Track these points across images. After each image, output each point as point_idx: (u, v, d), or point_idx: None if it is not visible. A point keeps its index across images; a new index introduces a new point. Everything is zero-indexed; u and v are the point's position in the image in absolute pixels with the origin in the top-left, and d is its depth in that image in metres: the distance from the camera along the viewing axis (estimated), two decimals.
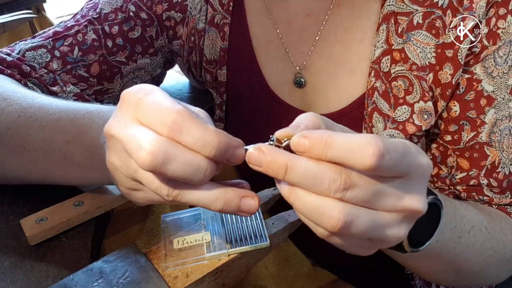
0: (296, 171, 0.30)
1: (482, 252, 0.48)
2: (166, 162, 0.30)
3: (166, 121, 0.30)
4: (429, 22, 0.51)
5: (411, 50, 0.52)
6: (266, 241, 0.37)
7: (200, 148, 0.30)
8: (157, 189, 0.32)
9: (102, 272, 0.37)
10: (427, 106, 0.53)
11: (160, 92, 0.32)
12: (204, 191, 0.33)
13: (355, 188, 0.29)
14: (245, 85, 0.64)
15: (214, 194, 0.33)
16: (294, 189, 0.31)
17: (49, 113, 0.48)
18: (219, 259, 0.37)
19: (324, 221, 0.30)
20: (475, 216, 0.48)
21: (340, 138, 0.29)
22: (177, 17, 0.64)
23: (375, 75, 0.54)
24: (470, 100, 0.53)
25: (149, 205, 0.57)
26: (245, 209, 0.33)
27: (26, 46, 0.61)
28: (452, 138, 0.56)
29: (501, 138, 0.54)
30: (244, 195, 0.33)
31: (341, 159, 0.29)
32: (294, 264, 0.66)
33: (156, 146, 0.30)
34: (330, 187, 0.29)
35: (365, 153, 0.28)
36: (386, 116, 0.55)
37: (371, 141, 0.28)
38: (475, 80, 0.52)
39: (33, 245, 0.45)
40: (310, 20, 0.58)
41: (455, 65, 0.51)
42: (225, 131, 0.32)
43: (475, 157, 0.55)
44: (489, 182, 0.55)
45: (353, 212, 0.30)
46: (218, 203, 0.33)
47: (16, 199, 0.51)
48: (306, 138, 0.30)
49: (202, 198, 0.33)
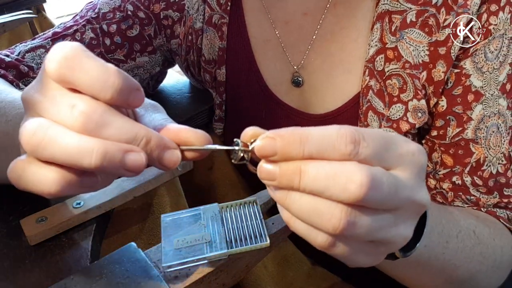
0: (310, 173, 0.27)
1: (472, 258, 0.46)
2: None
3: (50, 57, 0.27)
4: (422, 20, 0.51)
5: (404, 48, 0.52)
6: (266, 241, 0.37)
7: (98, 90, 0.27)
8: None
9: (102, 272, 0.37)
10: (421, 104, 0.53)
11: (71, 44, 0.28)
12: (76, 139, 0.27)
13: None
14: (244, 84, 0.64)
15: (89, 145, 0.26)
16: (288, 193, 0.28)
17: (16, 107, 0.46)
18: (219, 259, 0.37)
19: (324, 222, 0.27)
20: (462, 221, 0.47)
21: (314, 131, 0.27)
22: (175, 16, 0.65)
23: (369, 74, 0.55)
24: (458, 95, 0.53)
25: (149, 205, 0.57)
26: (131, 167, 0.27)
27: (26, 47, 0.61)
28: (438, 133, 0.55)
29: (487, 135, 0.53)
30: (128, 149, 0.27)
31: (320, 153, 0.27)
32: (294, 264, 0.66)
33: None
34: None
35: (342, 142, 0.27)
36: (381, 115, 0.55)
37: (346, 129, 0.27)
38: (464, 75, 0.52)
39: (33, 245, 0.45)
40: (308, 19, 0.58)
41: (447, 62, 0.51)
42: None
43: (460, 154, 0.54)
44: (473, 180, 0.54)
45: (355, 212, 0.28)
46: (94, 157, 0.26)
47: (16, 199, 0.51)
48: (273, 138, 0.27)
49: (71, 149, 0.26)
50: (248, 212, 0.40)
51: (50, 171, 0.27)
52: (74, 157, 0.26)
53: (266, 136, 0.28)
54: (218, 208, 0.41)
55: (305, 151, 0.27)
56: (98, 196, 0.49)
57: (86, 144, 0.26)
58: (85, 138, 0.26)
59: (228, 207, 0.41)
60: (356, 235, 0.28)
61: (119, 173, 0.28)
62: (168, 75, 0.80)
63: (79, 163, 0.26)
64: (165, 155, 0.29)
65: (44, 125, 0.27)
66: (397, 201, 0.29)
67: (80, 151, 0.26)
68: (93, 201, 0.48)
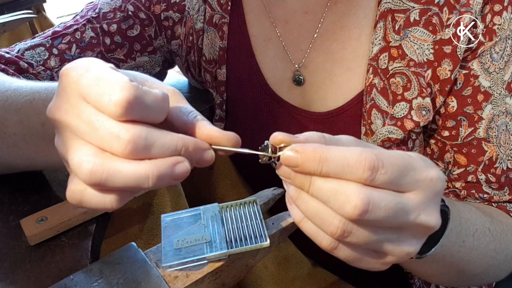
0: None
1: (485, 254, 0.48)
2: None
3: (114, 100, 0.28)
4: (426, 19, 0.52)
5: (408, 46, 0.53)
6: (266, 241, 0.37)
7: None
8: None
9: (102, 272, 0.37)
10: (425, 102, 0.54)
11: (99, 64, 0.30)
12: (132, 168, 0.29)
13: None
14: (244, 84, 0.64)
15: (144, 171, 0.29)
16: (301, 193, 0.31)
17: (23, 95, 0.47)
18: (219, 259, 0.37)
19: (325, 227, 0.30)
20: (478, 219, 0.48)
21: (336, 152, 0.29)
22: (175, 17, 0.64)
23: (373, 72, 0.55)
24: (468, 96, 0.53)
25: (149, 205, 0.57)
26: (179, 177, 0.30)
27: (26, 45, 0.61)
28: (450, 133, 0.56)
29: (498, 133, 0.54)
30: (175, 162, 0.30)
31: (337, 175, 0.29)
32: (294, 264, 0.66)
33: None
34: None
35: (360, 168, 0.28)
36: (385, 113, 0.55)
37: (366, 155, 0.28)
38: (472, 76, 0.53)
39: (33, 245, 0.45)
40: (308, 18, 0.58)
41: (454, 61, 0.51)
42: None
43: (473, 153, 0.55)
44: (487, 178, 0.55)
45: (352, 225, 0.29)
46: (150, 181, 0.29)
47: (16, 199, 0.51)
48: (298, 152, 0.29)
49: (129, 178, 0.29)
50: (248, 212, 0.40)
51: (110, 195, 0.30)
52: (133, 184, 0.29)
53: (292, 148, 0.30)
54: (218, 208, 0.41)
55: (322, 170, 0.29)
56: None
57: (141, 171, 0.29)
58: (139, 166, 0.29)
59: (228, 207, 0.41)
60: (354, 243, 0.30)
61: (169, 184, 0.30)
62: (168, 75, 0.80)
63: (138, 188, 0.29)
64: (201, 156, 0.32)
65: (98, 163, 0.28)
66: (397, 223, 0.30)
67: (138, 178, 0.29)
68: None
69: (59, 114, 0.30)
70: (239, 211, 0.41)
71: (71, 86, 0.29)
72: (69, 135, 0.30)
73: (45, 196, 0.51)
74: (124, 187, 0.29)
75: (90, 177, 0.28)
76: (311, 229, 0.32)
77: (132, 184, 0.29)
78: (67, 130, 0.30)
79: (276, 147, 0.31)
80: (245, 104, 0.65)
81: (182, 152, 0.30)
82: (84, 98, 0.29)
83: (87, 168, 0.28)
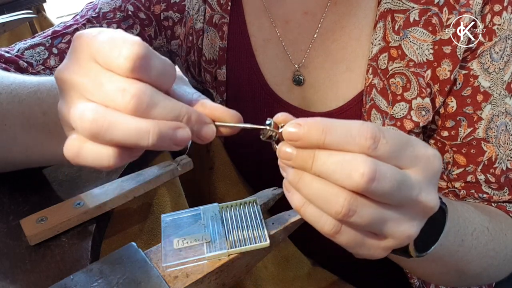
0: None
1: (484, 254, 0.48)
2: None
3: (124, 54, 0.28)
4: (425, 19, 0.52)
5: (408, 47, 0.53)
6: (266, 241, 0.37)
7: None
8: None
9: (102, 272, 0.37)
10: (425, 102, 0.54)
11: (112, 29, 0.30)
12: (134, 121, 0.28)
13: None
14: (244, 84, 0.64)
15: (145, 127, 0.28)
16: (301, 176, 0.30)
17: (28, 87, 0.47)
18: (219, 259, 0.37)
19: (329, 206, 0.29)
20: (476, 218, 0.48)
21: (338, 123, 0.29)
22: (175, 17, 0.64)
23: (373, 72, 0.55)
24: (467, 96, 0.53)
25: (149, 205, 0.57)
26: (180, 142, 0.30)
27: (25, 45, 0.62)
28: (449, 134, 0.56)
29: (497, 133, 0.54)
30: (176, 126, 0.30)
31: (340, 145, 0.29)
32: (294, 264, 0.66)
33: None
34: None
35: (362, 136, 0.28)
36: (384, 113, 0.55)
37: (368, 125, 0.29)
38: (472, 76, 0.53)
39: (33, 245, 0.45)
40: (308, 18, 0.58)
41: (453, 61, 0.52)
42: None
43: (472, 153, 0.55)
44: (486, 178, 0.55)
45: (358, 201, 0.29)
46: (151, 138, 0.28)
47: (16, 199, 0.51)
48: (300, 125, 0.29)
49: (130, 132, 0.28)
50: (248, 212, 0.40)
51: (107, 150, 0.29)
52: (132, 139, 0.28)
53: (295, 122, 0.30)
54: (218, 208, 0.41)
55: (325, 141, 0.29)
56: (98, 196, 0.49)
57: (142, 126, 0.28)
58: (140, 121, 0.28)
59: (228, 207, 0.41)
60: (358, 223, 0.30)
61: (168, 147, 0.30)
62: None
63: (138, 144, 0.28)
64: (203, 129, 0.32)
65: (100, 112, 0.28)
66: (400, 197, 0.30)
67: (138, 133, 0.28)
68: (93, 201, 0.48)
69: (67, 74, 0.30)
70: (239, 211, 0.41)
71: (83, 47, 0.29)
72: (74, 94, 0.30)
73: (45, 196, 0.51)
74: (123, 142, 0.28)
75: (90, 127, 0.27)
76: (313, 214, 0.31)
77: (132, 138, 0.28)
78: (72, 90, 0.30)
79: (278, 126, 0.31)
80: (245, 104, 0.65)
81: (184, 120, 0.30)
82: (95, 58, 0.29)
83: (89, 117, 0.28)
